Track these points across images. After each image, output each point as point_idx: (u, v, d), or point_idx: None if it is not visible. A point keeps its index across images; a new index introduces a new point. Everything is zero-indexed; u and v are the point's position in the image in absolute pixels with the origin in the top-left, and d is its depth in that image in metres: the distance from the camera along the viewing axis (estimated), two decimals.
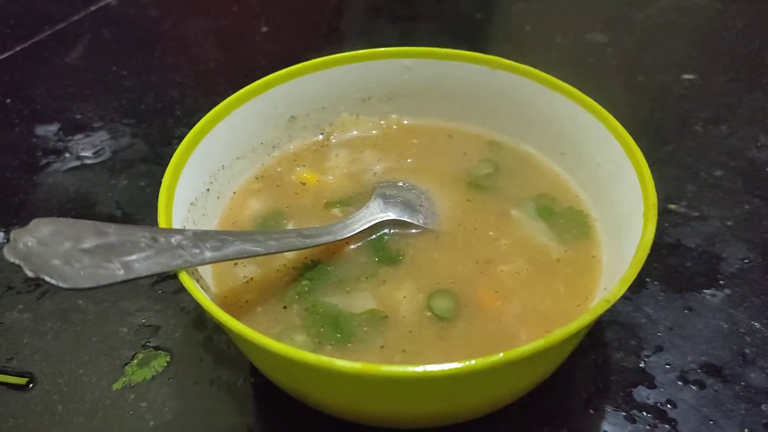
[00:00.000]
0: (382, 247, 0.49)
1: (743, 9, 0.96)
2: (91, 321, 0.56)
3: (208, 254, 0.41)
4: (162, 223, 0.43)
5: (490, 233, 0.50)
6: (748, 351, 0.52)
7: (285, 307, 0.46)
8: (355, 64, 0.57)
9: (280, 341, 0.35)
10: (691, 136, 0.73)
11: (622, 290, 0.37)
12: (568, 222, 0.51)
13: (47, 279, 0.34)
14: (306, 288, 0.47)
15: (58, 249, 0.35)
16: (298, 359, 0.34)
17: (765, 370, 0.50)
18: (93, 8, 1.00)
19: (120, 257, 0.37)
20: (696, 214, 0.64)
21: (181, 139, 0.49)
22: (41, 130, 0.77)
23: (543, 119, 0.55)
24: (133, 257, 0.37)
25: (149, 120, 0.78)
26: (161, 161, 0.72)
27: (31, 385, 0.51)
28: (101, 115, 0.79)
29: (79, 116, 0.79)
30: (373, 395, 0.38)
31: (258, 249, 0.43)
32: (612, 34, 0.91)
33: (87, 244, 0.36)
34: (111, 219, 0.65)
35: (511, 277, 0.47)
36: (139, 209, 0.66)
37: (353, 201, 0.53)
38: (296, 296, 0.46)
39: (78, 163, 0.72)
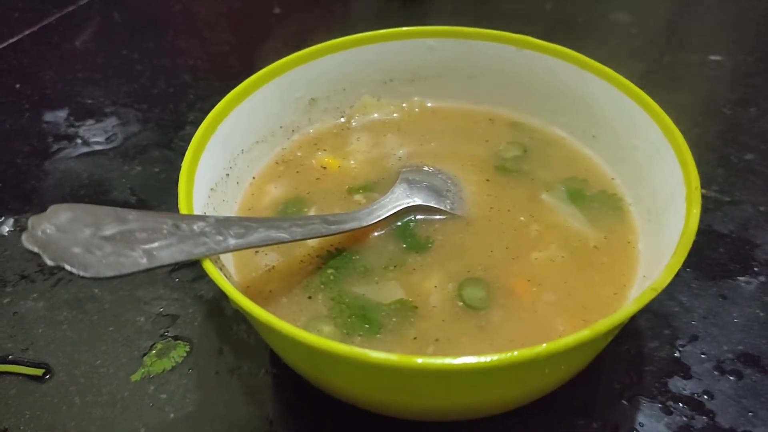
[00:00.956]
0: (410, 234, 0.47)
1: None
2: (108, 310, 0.54)
3: (232, 241, 0.39)
4: (183, 209, 0.41)
5: (521, 218, 0.48)
6: None
7: (310, 297, 0.44)
8: (376, 44, 0.55)
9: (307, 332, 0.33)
10: (720, 118, 0.71)
11: (669, 278, 0.35)
12: (602, 206, 0.49)
13: (68, 268, 0.32)
14: (331, 277, 0.45)
15: (77, 236, 0.34)
16: (330, 351, 0.32)
17: None
18: None
19: (142, 245, 0.35)
20: (728, 199, 0.61)
21: (195, 123, 0.48)
22: (51, 115, 0.75)
23: (573, 100, 0.53)
24: (156, 245, 0.36)
25: (162, 104, 0.76)
26: (175, 146, 0.70)
27: (47, 377, 0.50)
28: (112, 99, 0.77)
29: (89, 101, 0.77)
30: (406, 388, 0.37)
31: (283, 235, 0.41)
32: (636, 14, 0.88)
33: (107, 231, 0.35)
34: (126, 206, 0.63)
35: (544, 265, 0.45)
36: (154, 196, 0.65)
37: (377, 186, 0.52)
38: (321, 285, 0.45)
39: (90, 149, 0.71)
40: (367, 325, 0.42)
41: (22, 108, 0.76)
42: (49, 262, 0.32)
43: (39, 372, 0.50)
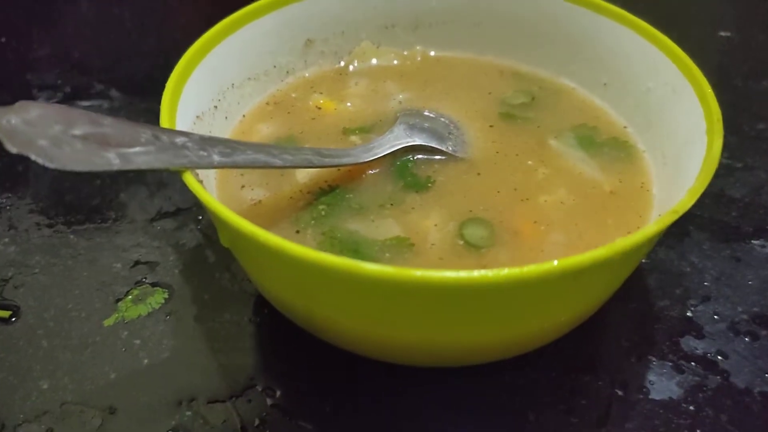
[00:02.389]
0: (409, 173, 0.44)
1: None
2: (83, 256, 0.51)
3: (217, 158, 0.36)
4: (164, 124, 0.38)
5: (529, 162, 0.45)
6: None
7: (298, 232, 0.41)
8: None
9: None
10: (731, 90, 0.69)
11: (691, 201, 0.33)
12: (612, 151, 0.46)
13: (32, 156, 0.29)
14: (323, 213, 0.42)
15: (46, 131, 0.30)
16: (319, 262, 0.29)
17: None
18: None
19: (117, 148, 0.32)
20: (740, 165, 0.59)
21: None
22: (40, 71, 0.72)
23: (584, 47, 0.50)
24: (132, 150, 0.32)
25: (151, 60, 0.73)
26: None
27: (14, 319, 0.46)
28: (101, 55, 0.74)
29: (77, 54, 0.74)
30: (402, 313, 0.33)
31: (272, 160, 0.38)
32: None
33: (79, 131, 0.32)
34: None
35: (553, 207, 0.42)
36: None
37: (374, 128, 0.49)
38: (312, 221, 0.41)
39: (77, 104, 0.67)
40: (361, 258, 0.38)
41: (6, 60, 0.73)
42: (13, 149, 0.29)
43: (6, 314, 0.46)
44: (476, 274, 0.28)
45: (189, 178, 0.34)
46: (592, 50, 0.50)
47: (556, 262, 0.29)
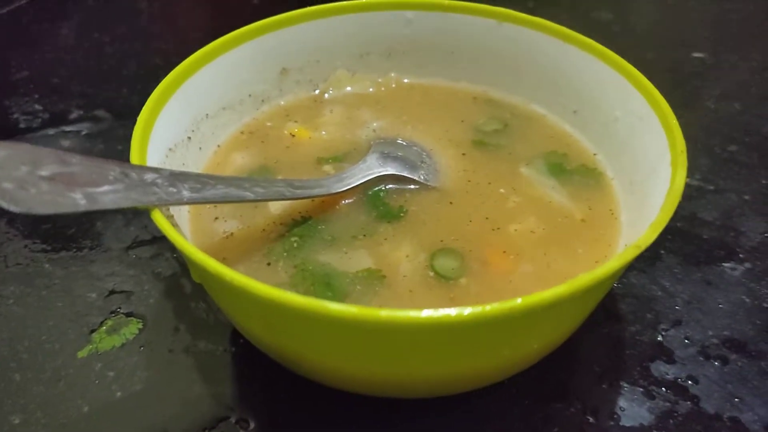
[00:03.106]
0: (381, 203, 0.45)
1: None
2: (58, 285, 0.51)
3: (186, 194, 0.36)
4: (134, 160, 0.38)
5: (501, 190, 0.46)
6: None
7: (269, 264, 0.41)
8: (352, 14, 0.53)
9: None
10: (704, 112, 0.70)
11: (654, 235, 0.33)
12: (582, 178, 0.47)
13: None
14: (295, 245, 0.42)
15: (12, 173, 0.31)
16: (286, 303, 0.29)
17: None
18: None
19: (84, 187, 0.32)
20: (711, 187, 0.60)
21: None
22: (18, 95, 0.72)
23: (555, 75, 0.51)
24: (99, 189, 0.33)
25: (131, 85, 0.73)
26: None
27: None
28: (80, 80, 0.74)
29: (56, 80, 0.74)
30: (368, 350, 0.34)
31: (243, 194, 0.38)
32: (617, 12, 0.87)
33: (46, 171, 0.32)
34: None
35: (522, 236, 0.43)
36: None
37: (348, 158, 0.49)
38: (284, 253, 0.42)
39: (56, 129, 0.67)
40: (330, 293, 0.39)
41: None
42: None
43: None
44: (440, 313, 0.29)
45: (157, 216, 0.34)
46: (562, 78, 0.51)
47: (519, 300, 0.29)
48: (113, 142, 0.65)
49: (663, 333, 0.47)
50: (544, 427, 0.42)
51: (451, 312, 0.29)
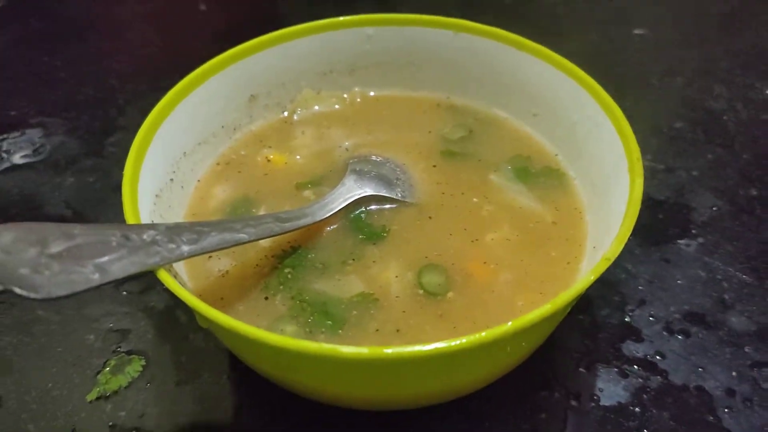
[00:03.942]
0: (365, 225, 0.47)
1: None
2: (55, 331, 0.52)
3: (186, 248, 0.38)
4: (129, 219, 0.39)
5: (474, 200, 0.49)
6: (727, 297, 0.53)
7: (267, 298, 0.43)
8: (314, 35, 0.55)
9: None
10: (649, 90, 0.74)
11: (620, 247, 0.37)
12: (547, 180, 0.50)
13: (18, 291, 0.30)
14: (289, 276, 0.44)
15: (23, 257, 0.32)
16: (301, 350, 0.32)
17: (744, 314, 0.51)
18: None
19: (92, 260, 0.34)
20: (662, 166, 0.64)
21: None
22: None
23: (513, 81, 0.54)
24: (106, 258, 0.34)
25: (90, 111, 0.73)
26: (107, 154, 0.68)
27: None
28: (37, 109, 0.73)
29: (13, 113, 0.73)
30: (376, 379, 0.37)
31: (237, 236, 0.40)
32: None
33: (54, 249, 0.33)
34: (62, 220, 0.61)
35: (499, 245, 0.46)
36: (91, 207, 0.62)
37: (325, 180, 0.51)
38: (279, 286, 0.44)
39: (17, 163, 0.67)
40: (329, 322, 0.41)
41: None
42: None
43: None
44: (439, 346, 0.32)
45: (163, 275, 0.36)
46: (519, 84, 0.53)
47: (510, 323, 0.33)
48: (83, 175, 0.65)
49: (630, 314, 0.52)
50: (533, 415, 0.46)
51: (451, 344, 0.32)
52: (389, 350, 0.32)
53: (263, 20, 0.91)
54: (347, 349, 0.32)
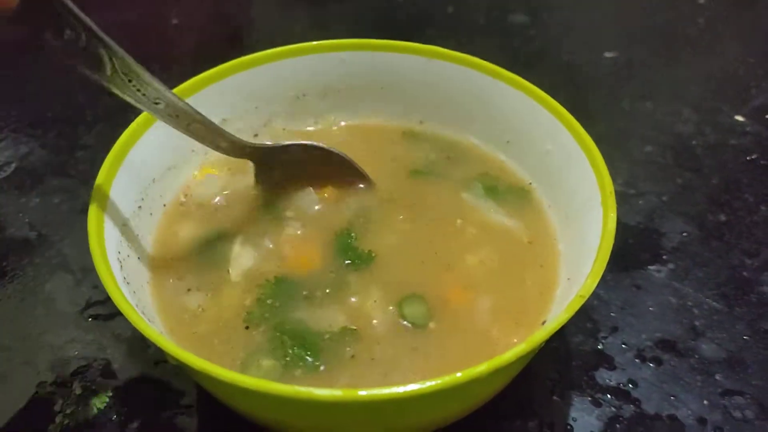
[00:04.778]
0: (349, 247, 0.47)
1: None
2: (16, 360, 0.50)
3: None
4: (95, 251, 0.38)
5: (458, 221, 0.50)
6: (697, 323, 0.53)
7: (248, 328, 0.43)
8: (289, 59, 0.54)
9: (246, 367, 0.32)
10: (619, 113, 0.75)
11: (594, 283, 0.37)
12: (517, 200, 0.51)
13: None
14: (270, 307, 0.44)
15: None
16: (273, 392, 0.31)
17: (714, 341, 0.52)
18: None
19: None
20: (633, 191, 0.65)
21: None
22: None
23: (486, 108, 0.54)
24: None
25: (57, 128, 0.71)
26: (75, 173, 0.66)
27: None
28: (2, 125, 0.71)
29: None
30: (351, 418, 0.36)
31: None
32: (532, 14, 0.91)
33: None
34: (25, 242, 0.59)
35: (477, 269, 0.46)
36: (56, 229, 0.60)
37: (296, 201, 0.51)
38: (260, 316, 0.43)
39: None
40: (309, 354, 0.41)
41: None
42: None
43: None
44: (414, 388, 0.31)
45: (131, 314, 0.35)
46: (493, 112, 0.53)
47: (484, 366, 0.32)
48: (49, 196, 0.63)
49: (603, 341, 0.52)
50: None
51: (425, 385, 0.32)
52: (362, 392, 0.31)
53: (236, 35, 0.90)
54: (320, 392, 0.31)
